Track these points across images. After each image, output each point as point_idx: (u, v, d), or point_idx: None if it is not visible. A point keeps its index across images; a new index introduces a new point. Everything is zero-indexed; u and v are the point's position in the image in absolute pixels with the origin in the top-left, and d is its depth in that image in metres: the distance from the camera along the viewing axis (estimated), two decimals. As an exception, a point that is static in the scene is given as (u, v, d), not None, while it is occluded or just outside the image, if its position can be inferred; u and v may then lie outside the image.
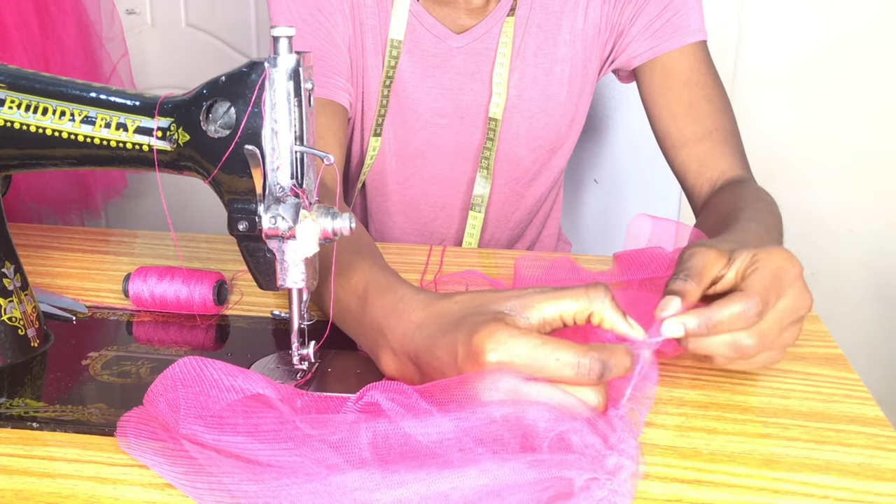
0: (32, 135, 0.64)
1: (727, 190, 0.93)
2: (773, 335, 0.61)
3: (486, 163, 1.06)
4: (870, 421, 0.62)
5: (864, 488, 0.54)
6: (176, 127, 0.62)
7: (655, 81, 1.01)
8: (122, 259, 0.93)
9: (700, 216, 0.97)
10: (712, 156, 0.97)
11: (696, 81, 0.99)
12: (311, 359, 0.66)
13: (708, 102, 0.98)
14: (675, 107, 0.99)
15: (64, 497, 0.52)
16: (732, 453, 0.57)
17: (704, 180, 0.97)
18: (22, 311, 0.69)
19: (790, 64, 1.70)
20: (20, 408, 0.61)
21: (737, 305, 0.59)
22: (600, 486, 0.48)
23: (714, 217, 0.87)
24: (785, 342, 0.63)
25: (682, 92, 0.99)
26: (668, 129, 1.00)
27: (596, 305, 0.56)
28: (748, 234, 0.74)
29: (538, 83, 1.04)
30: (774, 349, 0.63)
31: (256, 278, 0.64)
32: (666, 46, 0.99)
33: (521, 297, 0.56)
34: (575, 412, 0.51)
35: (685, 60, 0.99)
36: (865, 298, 1.81)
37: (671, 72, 0.99)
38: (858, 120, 1.71)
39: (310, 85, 0.60)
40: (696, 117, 0.98)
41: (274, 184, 0.60)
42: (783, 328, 0.61)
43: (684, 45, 0.99)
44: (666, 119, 1.00)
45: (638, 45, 1.01)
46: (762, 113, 1.72)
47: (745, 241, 0.69)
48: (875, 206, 1.75)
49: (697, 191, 0.98)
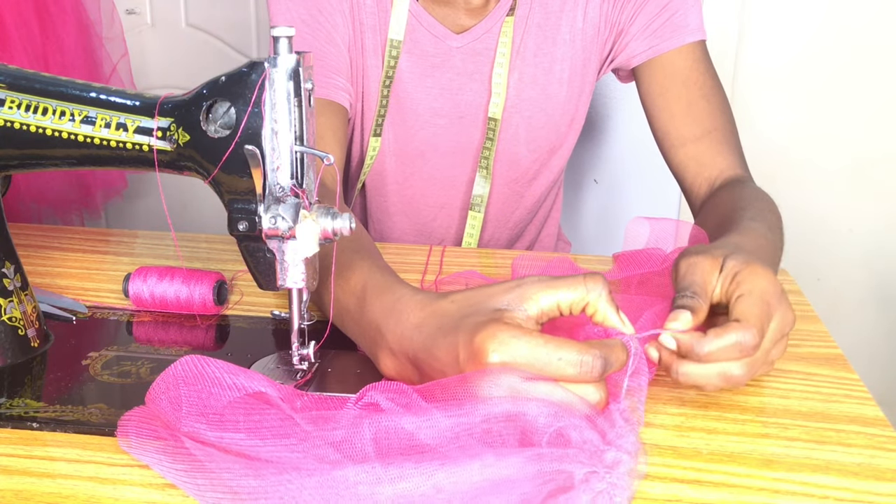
0: (32, 135, 0.64)
1: (726, 190, 0.93)
2: (761, 361, 0.60)
3: (485, 163, 1.06)
4: (870, 421, 0.62)
5: (864, 488, 0.54)
6: (176, 127, 0.62)
7: (655, 81, 1.01)
8: (122, 259, 0.93)
9: (699, 216, 0.97)
10: (711, 155, 0.97)
11: (694, 81, 0.99)
12: (311, 359, 0.66)
13: (707, 102, 0.98)
14: (674, 106, 0.99)
15: (64, 497, 0.52)
16: (732, 453, 0.57)
17: (703, 179, 0.97)
18: (22, 311, 0.69)
19: (790, 64, 1.70)
20: (20, 408, 0.61)
21: (733, 335, 0.58)
22: (599, 479, 0.48)
23: (714, 218, 0.87)
24: (773, 359, 0.63)
25: (682, 92, 0.99)
26: (666, 128, 1.00)
27: (592, 296, 0.56)
28: (750, 234, 0.74)
29: (538, 83, 1.04)
30: (763, 369, 0.63)
31: (256, 278, 0.64)
32: (665, 46, 0.99)
33: (518, 289, 0.56)
34: (575, 409, 0.51)
35: (684, 60, 0.99)
36: (866, 299, 1.81)
37: (670, 71, 1.00)
38: (859, 120, 1.71)
39: (310, 85, 0.60)
40: (694, 117, 0.98)
41: (274, 184, 0.60)
42: (768, 350, 0.61)
43: (683, 45, 0.99)
44: (665, 118, 1.00)
45: (637, 45, 1.01)
46: (762, 113, 1.72)
47: (744, 244, 0.69)
48: (875, 206, 1.75)
49: (696, 190, 0.99)
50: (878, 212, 1.76)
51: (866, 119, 1.71)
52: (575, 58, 1.04)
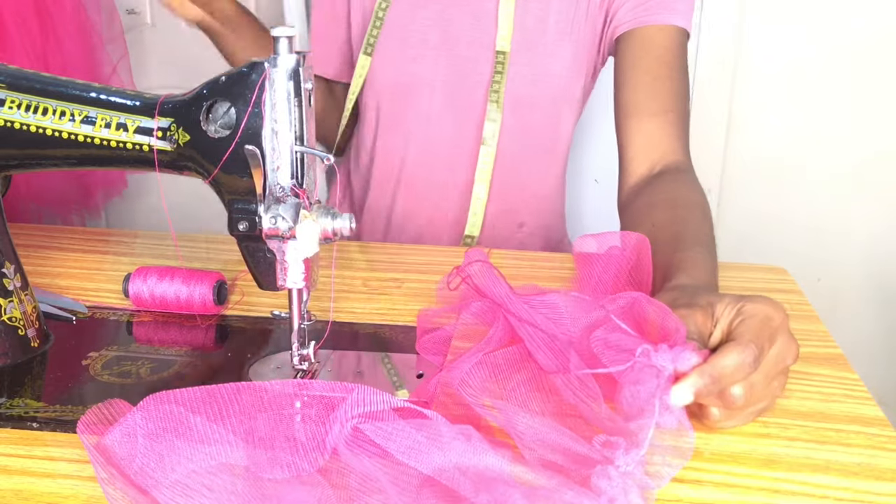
0: (32, 135, 0.64)
1: (666, 184, 0.94)
2: (762, 386, 0.58)
3: (495, 96, 1.05)
4: (870, 421, 0.62)
5: (864, 488, 0.54)
6: (176, 127, 0.62)
7: (630, 53, 1.02)
8: (122, 259, 0.93)
9: (633, 207, 0.96)
10: (659, 135, 0.98)
11: (666, 61, 1.00)
12: (311, 359, 0.66)
13: (671, 83, 1.00)
14: (642, 78, 1.01)
15: (64, 497, 0.52)
16: (732, 453, 0.57)
17: (644, 157, 0.99)
18: (22, 311, 0.69)
19: (790, 66, 1.70)
20: (20, 408, 0.61)
21: (734, 354, 0.56)
22: None
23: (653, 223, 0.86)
24: (774, 392, 0.61)
25: (651, 66, 1.00)
26: (627, 98, 1.01)
27: None
28: (701, 269, 0.73)
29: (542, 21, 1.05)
30: (764, 400, 0.61)
31: (256, 278, 0.64)
32: (649, 20, 1.01)
33: None
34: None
35: (663, 38, 1.01)
36: (866, 299, 1.81)
37: (647, 45, 1.01)
38: (859, 121, 1.71)
39: (310, 85, 0.60)
40: (656, 93, 1.00)
41: (274, 184, 0.60)
42: (771, 378, 0.59)
43: (666, 24, 1.01)
44: (629, 88, 1.01)
45: (624, 14, 1.03)
46: (762, 114, 1.72)
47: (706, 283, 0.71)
48: (876, 206, 1.75)
49: (634, 167, 0.99)
50: (879, 212, 1.75)
51: (866, 119, 1.71)
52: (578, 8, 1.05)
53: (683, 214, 0.86)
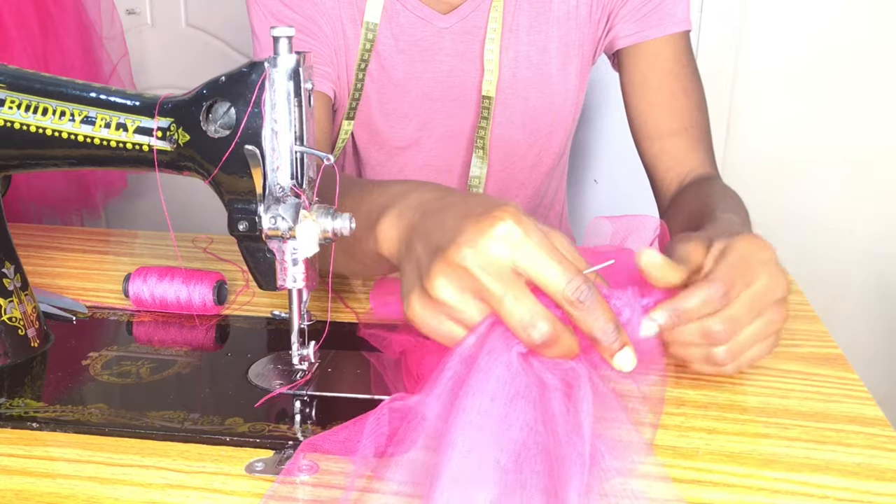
0: (32, 135, 0.64)
1: (695, 186, 0.95)
2: (745, 320, 0.60)
3: (481, 142, 1.04)
4: (870, 421, 0.62)
5: (864, 488, 0.54)
6: (176, 127, 0.62)
7: (637, 70, 1.01)
8: (122, 259, 0.94)
9: (668, 212, 0.97)
10: (684, 151, 0.98)
11: (676, 74, 1.00)
12: (311, 359, 0.66)
13: (686, 97, 0.99)
14: (654, 97, 1.00)
15: (64, 497, 0.52)
16: (732, 453, 0.57)
17: (674, 175, 0.99)
18: (22, 311, 0.69)
19: (790, 64, 1.70)
20: (20, 408, 0.61)
21: (701, 292, 0.58)
22: None
23: (684, 213, 0.88)
24: (772, 328, 0.62)
25: (663, 83, 1.00)
26: (644, 118, 1.01)
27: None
28: (727, 224, 0.74)
29: (532, 62, 1.03)
30: (761, 338, 0.62)
31: (256, 278, 0.64)
32: (651, 33, 1.00)
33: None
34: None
35: (668, 50, 1.00)
36: (866, 299, 1.81)
37: (654, 61, 1.00)
38: (859, 120, 1.71)
39: (310, 85, 0.60)
40: (673, 111, 0.99)
41: (274, 184, 0.60)
42: (756, 313, 0.61)
43: (669, 34, 1.00)
44: (643, 108, 1.01)
45: (623, 27, 1.01)
46: (762, 113, 1.72)
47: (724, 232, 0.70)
48: (876, 206, 1.75)
49: (666, 185, 1.00)
50: (878, 212, 1.75)
51: (866, 119, 1.71)
52: (570, 36, 1.03)
53: (715, 199, 0.85)
